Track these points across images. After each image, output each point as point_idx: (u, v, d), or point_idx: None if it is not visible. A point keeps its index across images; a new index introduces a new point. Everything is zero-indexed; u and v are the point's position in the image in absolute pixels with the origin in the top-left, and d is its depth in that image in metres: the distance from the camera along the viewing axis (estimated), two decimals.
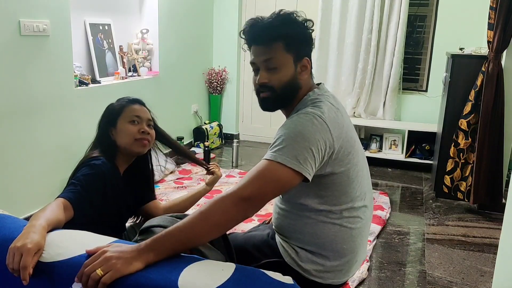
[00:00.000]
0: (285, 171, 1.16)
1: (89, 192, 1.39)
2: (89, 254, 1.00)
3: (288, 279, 0.95)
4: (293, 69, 1.33)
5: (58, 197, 1.32)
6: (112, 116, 1.59)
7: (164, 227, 1.47)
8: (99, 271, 0.94)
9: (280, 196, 1.42)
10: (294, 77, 1.34)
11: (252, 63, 1.37)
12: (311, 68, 1.39)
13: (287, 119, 1.33)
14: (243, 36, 1.37)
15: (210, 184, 1.93)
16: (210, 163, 1.97)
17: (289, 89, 1.34)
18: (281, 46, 1.31)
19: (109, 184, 1.47)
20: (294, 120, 1.26)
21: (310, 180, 1.21)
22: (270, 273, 0.96)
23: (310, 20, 1.38)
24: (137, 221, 1.77)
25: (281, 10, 1.35)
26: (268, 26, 1.32)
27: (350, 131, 1.35)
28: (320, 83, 1.44)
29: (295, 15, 1.35)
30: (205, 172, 1.97)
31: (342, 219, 1.34)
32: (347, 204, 1.34)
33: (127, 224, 1.74)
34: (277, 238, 1.45)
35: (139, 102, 1.65)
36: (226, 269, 0.96)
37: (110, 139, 1.57)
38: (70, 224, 1.26)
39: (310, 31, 1.37)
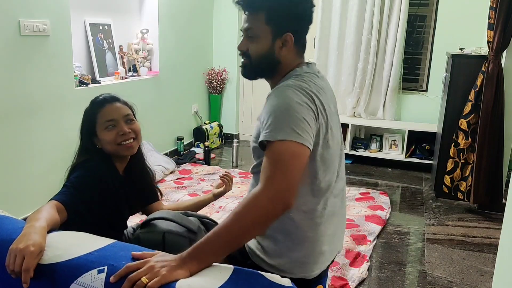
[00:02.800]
0: (294, 145, 1.12)
1: (82, 194, 1.36)
2: (134, 258, 1.00)
3: (286, 281, 0.95)
4: (269, 42, 1.31)
5: (50, 199, 1.30)
6: (89, 126, 1.50)
7: (166, 219, 1.46)
8: (144, 279, 0.93)
9: None
10: (271, 51, 1.31)
11: (240, 30, 1.39)
12: (298, 44, 1.35)
13: (269, 94, 1.29)
14: (237, 3, 1.36)
15: (217, 196, 1.83)
16: (225, 173, 1.85)
17: (264, 62, 1.33)
18: (262, 17, 1.29)
19: (106, 185, 1.44)
20: (276, 94, 1.24)
21: (311, 150, 1.18)
22: (268, 275, 0.96)
23: None
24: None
25: None
26: None
27: (331, 117, 1.31)
28: (312, 62, 1.40)
29: None
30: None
31: (308, 203, 1.30)
32: (313, 186, 1.29)
33: (129, 225, 1.73)
34: None
35: (109, 100, 1.51)
36: (223, 272, 0.96)
37: (97, 148, 1.50)
38: (67, 226, 1.25)
39: (306, 5, 1.33)
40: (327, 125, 1.28)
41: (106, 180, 1.45)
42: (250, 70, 1.37)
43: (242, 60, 1.38)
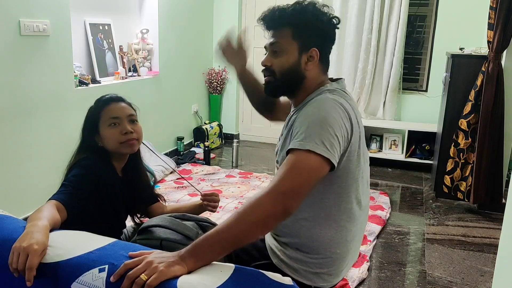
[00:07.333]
0: (315, 158, 1.13)
1: (81, 193, 1.36)
2: (130, 257, 0.99)
3: (287, 280, 0.95)
4: (296, 57, 1.32)
5: (50, 199, 1.30)
6: (93, 123, 1.50)
7: (163, 226, 1.47)
8: (143, 276, 0.92)
9: None
10: (297, 65, 1.32)
11: (264, 47, 1.39)
12: (322, 60, 1.36)
13: (306, 106, 1.29)
14: (261, 22, 1.38)
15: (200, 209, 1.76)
16: (208, 192, 1.75)
17: (290, 76, 1.33)
18: (288, 32, 1.31)
19: (103, 184, 1.44)
20: (315, 106, 1.24)
21: (336, 168, 1.18)
22: (269, 274, 0.95)
23: (336, 16, 1.36)
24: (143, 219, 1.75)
25: (305, 0, 1.35)
26: (279, 11, 1.33)
27: (362, 133, 1.33)
28: (341, 78, 1.41)
29: (317, 6, 1.34)
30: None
31: (340, 221, 1.32)
32: (346, 204, 1.32)
33: (129, 224, 1.73)
34: (267, 239, 1.43)
35: (115, 99, 1.53)
36: (224, 270, 0.96)
37: (98, 146, 1.49)
38: (66, 225, 1.24)
39: (331, 26, 1.35)
40: (360, 143, 1.29)
41: (103, 179, 1.45)
42: (275, 86, 1.37)
43: (265, 77, 1.38)
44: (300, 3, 1.34)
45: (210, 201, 1.73)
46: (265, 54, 1.39)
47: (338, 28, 1.37)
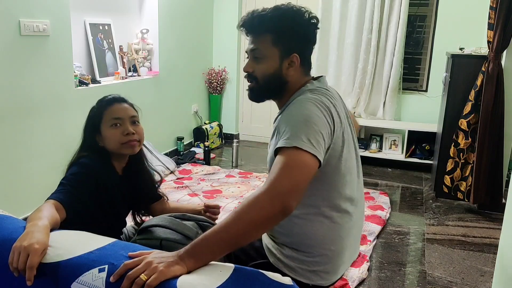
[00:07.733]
0: (304, 155, 1.13)
1: (80, 191, 1.36)
2: (130, 257, 0.99)
3: (287, 280, 0.95)
4: (277, 63, 1.34)
5: (48, 199, 1.30)
6: (94, 123, 1.51)
7: (163, 226, 1.47)
8: (143, 276, 0.92)
9: None
10: (278, 71, 1.34)
11: (246, 52, 1.41)
12: (303, 64, 1.37)
13: (289, 107, 1.31)
14: (241, 27, 1.38)
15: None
16: (211, 204, 1.78)
17: (272, 82, 1.36)
18: (268, 39, 1.33)
19: (101, 182, 1.44)
20: (297, 106, 1.26)
21: (322, 165, 1.19)
22: (269, 274, 0.95)
23: (315, 16, 1.36)
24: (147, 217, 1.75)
25: (284, 4, 1.36)
26: (259, 18, 1.34)
27: (346, 129, 1.33)
28: (322, 76, 1.42)
29: (295, 9, 1.34)
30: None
31: (331, 218, 1.32)
32: (336, 200, 1.32)
33: (129, 224, 1.73)
34: (264, 239, 1.44)
35: (118, 100, 1.54)
36: (224, 270, 0.96)
37: (99, 146, 1.50)
38: (66, 225, 1.24)
39: (311, 27, 1.36)
40: (343, 139, 1.30)
41: (102, 178, 1.45)
42: (258, 92, 1.40)
43: (249, 83, 1.40)
44: (279, 8, 1.34)
45: (212, 213, 1.74)
46: (247, 58, 1.40)
47: (318, 29, 1.38)
